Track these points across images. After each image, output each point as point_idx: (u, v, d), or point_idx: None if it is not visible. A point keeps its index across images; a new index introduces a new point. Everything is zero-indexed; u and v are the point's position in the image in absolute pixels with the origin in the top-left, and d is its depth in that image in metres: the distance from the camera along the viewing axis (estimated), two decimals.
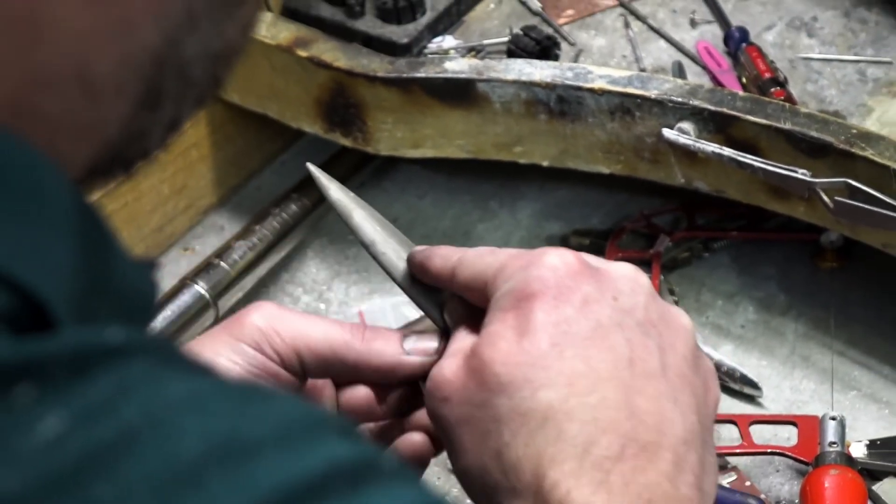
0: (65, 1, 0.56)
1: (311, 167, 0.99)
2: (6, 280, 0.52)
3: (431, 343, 0.93)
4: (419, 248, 0.95)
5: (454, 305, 0.93)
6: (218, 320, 1.30)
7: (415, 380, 0.94)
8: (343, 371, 0.94)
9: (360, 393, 0.96)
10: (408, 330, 0.95)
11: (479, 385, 0.83)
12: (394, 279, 0.96)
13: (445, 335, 0.92)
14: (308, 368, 0.93)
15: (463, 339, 0.88)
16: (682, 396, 0.85)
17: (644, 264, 1.38)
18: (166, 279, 1.34)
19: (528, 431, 0.81)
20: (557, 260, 0.86)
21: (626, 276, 0.87)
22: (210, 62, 0.62)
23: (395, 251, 0.96)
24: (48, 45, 0.56)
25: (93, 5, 0.57)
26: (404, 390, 0.96)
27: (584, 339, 0.84)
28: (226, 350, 0.92)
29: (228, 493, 0.50)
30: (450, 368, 0.86)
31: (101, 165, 0.62)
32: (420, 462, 0.96)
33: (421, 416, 0.94)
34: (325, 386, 0.96)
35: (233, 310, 1.31)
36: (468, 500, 0.84)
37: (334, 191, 0.98)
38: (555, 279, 0.85)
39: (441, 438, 0.87)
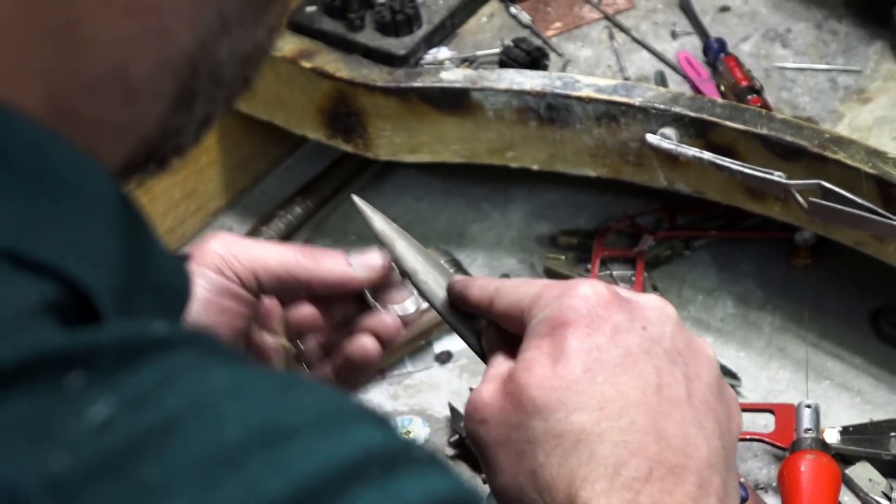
0: (105, 11, 0.56)
1: (357, 199, 1.00)
2: (56, 273, 0.52)
3: (372, 258, 0.96)
4: (458, 277, 0.96)
5: (491, 333, 0.93)
6: None
7: (358, 293, 0.96)
8: (296, 287, 0.96)
9: (306, 310, 0.98)
10: (351, 252, 0.97)
11: (516, 408, 0.83)
12: (434, 307, 0.96)
13: (484, 361, 0.93)
14: (264, 287, 0.95)
15: (500, 365, 0.88)
16: (707, 422, 0.84)
17: (628, 262, 1.39)
18: None
19: (561, 452, 0.80)
20: (590, 291, 0.85)
21: (654, 307, 0.87)
22: (240, 64, 0.63)
23: (435, 280, 0.97)
24: (89, 52, 0.56)
25: (131, 15, 0.57)
26: (349, 304, 0.98)
27: (614, 365, 0.83)
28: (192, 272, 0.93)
29: (268, 475, 0.50)
30: (488, 392, 0.85)
31: (138, 161, 0.63)
32: (370, 363, 0.97)
33: (365, 323, 0.97)
34: (274, 306, 0.98)
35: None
36: None
37: (378, 221, 0.99)
38: (587, 308, 0.84)
39: (479, 459, 0.87)
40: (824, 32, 1.39)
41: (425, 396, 1.34)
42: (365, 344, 0.97)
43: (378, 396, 1.35)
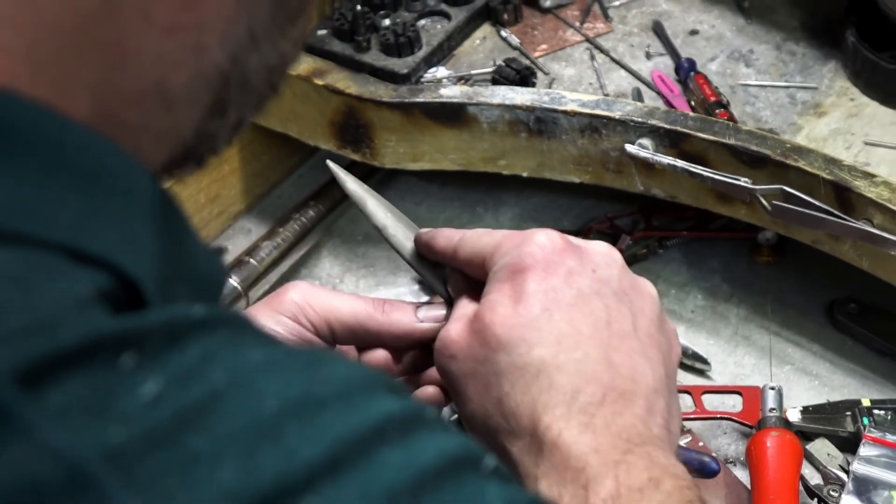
0: (147, 30, 0.56)
1: (331, 164, 1.02)
2: (108, 265, 0.53)
3: (440, 311, 0.96)
4: (424, 230, 0.97)
5: (456, 278, 0.94)
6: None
7: (426, 343, 0.96)
8: (367, 338, 0.97)
9: (379, 355, 0.98)
10: (419, 303, 0.98)
11: (482, 344, 0.85)
12: (403, 257, 0.98)
13: (449, 304, 0.94)
14: (337, 336, 0.96)
15: (465, 307, 0.90)
16: (651, 352, 0.87)
17: None
18: None
19: (524, 382, 0.83)
20: (545, 239, 0.88)
21: (602, 252, 0.90)
22: (268, 73, 0.63)
23: (403, 233, 0.98)
24: (133, 67, 0.57)
25: (170, 33, 0.57)
26: (417, 352, 0.98)
27: (568, 304, 0.85)
28: (269, 321, 0.94)
29: (303, 442, 0.51)
30: (455, 331, 0.88)
31: (177, 160, 0.63)
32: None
33: (432, 372, 0.97)
34: (349, 350, 0.99)
35: (260, 300, 1.32)
36: None
37: (350, 183, 1.00)
38: (543, 255, 0.87)
39: (449, 390, 0.89)
40: (783, 53, 1.39)
41: None
42: (429, 392, 0.98)
43: None
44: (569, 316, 0.85)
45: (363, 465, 0.51)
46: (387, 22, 1.38)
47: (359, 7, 1.37)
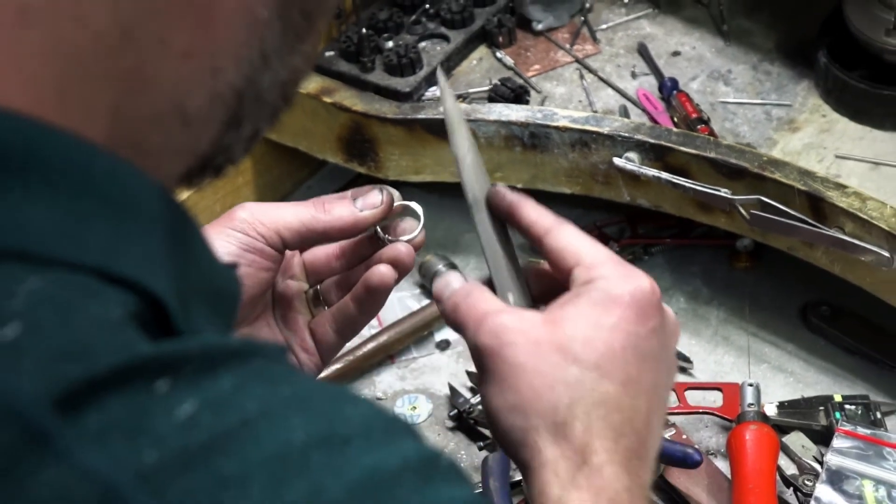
0: (165, 55, 0.56)
1: (440, 74, 0.94)
2: (136, 286, 0.52)
3: (375, 198, 0.93)
4: (506, 189, 0.88)
5: (527, 264, 0.88)
6: None
7: (365, 231, 0.94)
8: (314, 237, 0.94)
9: (319, 252, 0.97)
10: (354, 192, 0.93)
11: (557, 349, 0.80)
12: (466, 198, 0.88)
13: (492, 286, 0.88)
14: (287, 242, 0.93)
15: (544, 308, 0.84)
16: (662, 416, 0.85)
17: None
18: None
19: (585, 404, 0.79)
20: (650, 288, 0.82)
21: (675, 322, 0.85)
22: (280, 88, 0.62)
23: (475, 177, 0.88)
24: (152, 91, 0.56)
25: (186, 59, 0.57)
26: (363, 243, 0.95)
27: (642, 355, 0.82)
28: (221, 237, 0.92)
29: (327, 474, 0.50)
30: (526, 321, 0.81)
31: (195, 170, 0.63)
32: (387, 287, 0.94)
33: (381, 255, 0.94)
34: (293, 255, 0.97)
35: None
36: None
37: (450, 100, 0.90)
38: (644, 301, 0.82)
39: (483, 369, 0.82)
40: (760, 73, 1.39)
41: (428, 378, 1.33)
42: (382, 270, 0.94)
43: (388, 378, 1.35)
44: (639, 365, 0.82)
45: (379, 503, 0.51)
46: (390, 44, 1.39)
47: (364, 30, 1.37)
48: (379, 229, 0.94)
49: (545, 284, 0.87)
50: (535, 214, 0.86)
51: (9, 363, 0.47)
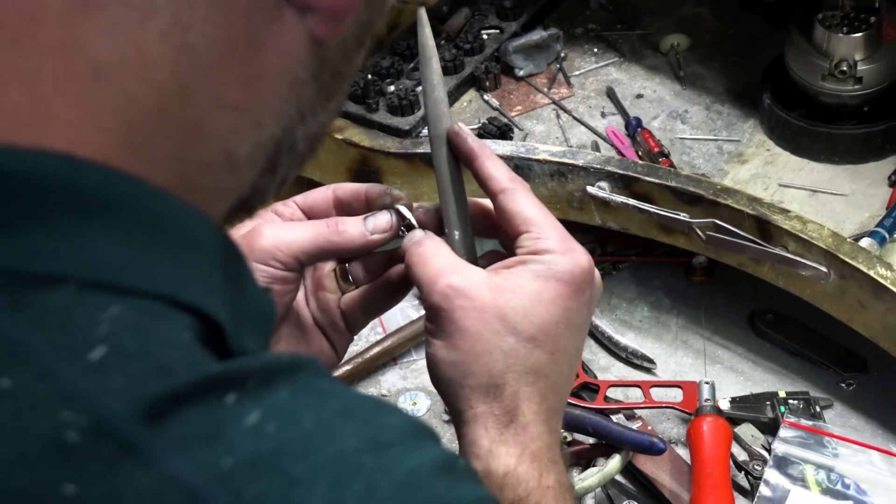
0: (218, 110, 0.56)
1: (421, 11, 0.86)
2: (198, 311, 0.53)
3: (384, 219, 0.87)
4: (466, 131, 0.84)
5: (474, 212, 0.86)
6: None
7: (375, 249, 0.88)
8: (328, 257, 0.90)
9: (327, 269, 0.92)
10: (366, 216, 0.87)
11: (498, 318, 0.79)
12: (428, 130, 0.83)
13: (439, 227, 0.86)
14: (304, 263, 0.88)
15: (490, 268, 0.82)
16: (577, 365, 0.87)
17: None
18: None
19: (518, 369, 0.79)
20: (588, 264, 0.82)
21: (599, 285, 0.84)
22: (310, 140, 0.62)
23: (440, 112, 0.84)
24: (206, 140, 0.56)
25: (236, 112, 0.57)
26: (371, 258, 0.91)
27: (573, 327, 0.81)
28: None
29: (378, 474, 0.50)
30: (474, 285, 0.80)
31: (234, 211, 0.62)
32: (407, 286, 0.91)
33: (390, 273, 0.91)
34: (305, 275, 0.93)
35: None
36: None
37: (426, 33, 0.84)
38: (581, 278, 0.81)
39: (434, 326, 0.80)
40: (712, 113, 1.40)
41: (426, 377, 1.27)
42: (397, 272, 0.90)
43: (392, 377, 1.34)
44: (568, 335, 0.81)
45: (423, 498, 0.51)
46: (392, 88, 1.39)
47: (369, 76, 1.38)
48: (401, 224, 0.87)
49: (488, 224, 0.85)
50: (493, 169, 0.84)
51: (99, 382, 0.48)
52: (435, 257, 0.82)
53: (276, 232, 0.89)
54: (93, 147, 0.52)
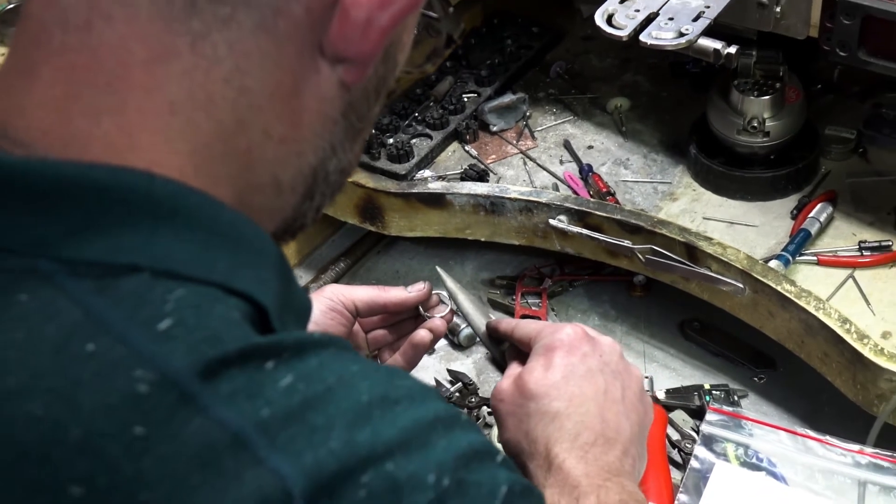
0: (267, 141, 0.56)
1: (440, 269, 1.06)
2: (248, 297, 0.53)
3: (419, 285, 1.01)
4: (493, 318, 0.99)
5: (511, 350, 0.94)
6: None
7: (414, 309, 1.02)
8: (377, 309, 1.00)
9: (381, 332, 1.03)
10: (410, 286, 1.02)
11: (521, 395, 0.83)
12: (477, 334, 1.00)
13: (501, 368, 0.95)
14: (359, 310, 0.98)
15: (514, 369, 0.89)
16: (632, 415, 0.85)
17: (537, 295, 1.38)
18: None
19: (544, 423, 0.81)
20: (571, 331, 0.87)
21: (608, 344, 0.88)
22: (340, 173, 0.63)
23: (478, 319, 1.00)
24: (257, 166, 0.57)
25: (283, 145, 0.57)
26: (409, 321, 1.02)
27: (580, 376, 0.84)
28: (317, 301, 0.97)
29: (384, 425, 0.51)
30: (506, 384, 0.86)
31: (280, 233, 0.62)
32: (427, 346, 1.00)
33: (423, 325, 1.01)
34: (359, 330, 1.01)
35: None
36: None
37: (450, 282, 1.04)
38: (569, 340, 0.85)
39: (496, 422, 0.87)
40: (649, 160, 1.40)
41: (419, 374, 1.30)
42: (423, 334, 0.99)
43: None
44: (580, 384, 0.83)
45: (422, 446, 0.52)
46: (391, 140, 1.39)
47: (372, 130, 1.38)
48: (421, 308, 1.01)
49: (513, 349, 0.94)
50: (505, 324, 0.96)
51: (165, 346, 0.49)
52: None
53: (340, 287, 0.99)
54: (167, 167, 0.53)
